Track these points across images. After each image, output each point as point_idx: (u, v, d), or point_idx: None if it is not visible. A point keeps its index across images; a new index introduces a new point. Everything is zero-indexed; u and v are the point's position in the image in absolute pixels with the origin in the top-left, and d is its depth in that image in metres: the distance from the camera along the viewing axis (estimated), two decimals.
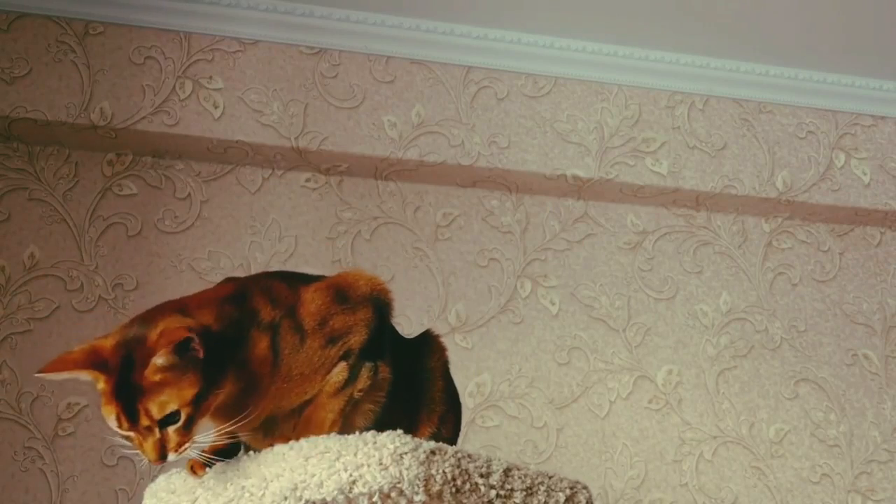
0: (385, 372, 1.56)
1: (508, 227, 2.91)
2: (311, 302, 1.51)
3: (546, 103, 2.92)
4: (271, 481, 1.35)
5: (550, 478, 1.45)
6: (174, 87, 2.69)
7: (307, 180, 2.84)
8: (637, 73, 2.98)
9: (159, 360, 1.31)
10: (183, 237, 2.72)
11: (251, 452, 1.47)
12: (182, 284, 2.67)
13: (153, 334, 1.34)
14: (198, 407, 1.35)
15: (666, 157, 2.94)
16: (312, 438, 1.38)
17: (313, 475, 1.33)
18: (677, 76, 2.99)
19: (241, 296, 1.49)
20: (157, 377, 1.32)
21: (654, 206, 3.02)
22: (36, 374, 1.36)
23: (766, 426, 2.89)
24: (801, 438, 2.89)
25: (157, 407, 1.33)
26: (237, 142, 2.70)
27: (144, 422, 1.33)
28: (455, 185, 2.91)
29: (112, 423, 1.34)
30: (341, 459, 1.33)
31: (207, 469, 1.45)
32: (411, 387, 1.65)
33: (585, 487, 1.49)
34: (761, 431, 2.88)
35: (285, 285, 1.54)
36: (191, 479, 1.46)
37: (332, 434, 1.40)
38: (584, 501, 1.46)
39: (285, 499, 1.32)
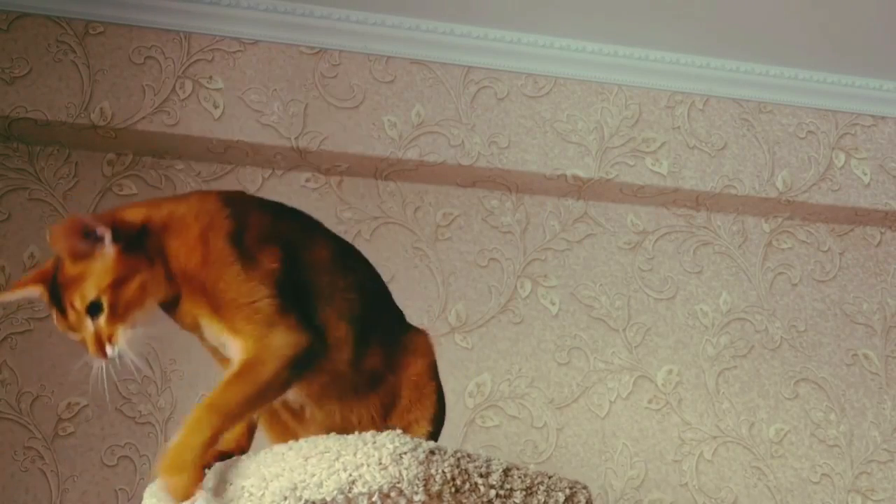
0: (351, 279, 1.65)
1: (508, 227, 2.92)
2: (258, 223, 1.58)
3: (546, 103, 2.92)
4: (271, 481, 1.35)
5: (550, 478, 1.45)
6: (174, 87, 2.69)
7: (307, 180, 2.84)
8: (637, 73, 2.98)
9: (56, 246, 1.38)
10: None
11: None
12: None
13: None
14: (117, 293, 1.40)
15: (666, 157, 2.94)
16: (312, 438, 1.38)
17: (313, 475, 1.33)
18: (677, 76, 2.99)
19: (201, 199, 1.54)
20: (75, 270, 1.39)
21: (654, 206, 3.02)
22: None
23: (766, 426, 2.89)
24: (801, 438, 2.89)
25: (78, 298, 1.39)
26: (237, 142, 2.70)
27: (72, 316, 1.40)
28: (455, 185, 2.91)
29: (57, 325, 1.43)
30: (341, 459, 1.33)
31: (206, 471, 1.44)
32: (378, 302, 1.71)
33: (585, 487, 1.49)
34: (761, 431, 2.88)
35: (266, 213, 1.63)
36: None
37: (331, 434, 1.39)
38: (583, 501, 1.46)
39: (285, 499, 1.32)
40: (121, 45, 2.69)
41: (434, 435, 1.64)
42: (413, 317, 2.74)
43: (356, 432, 1.40)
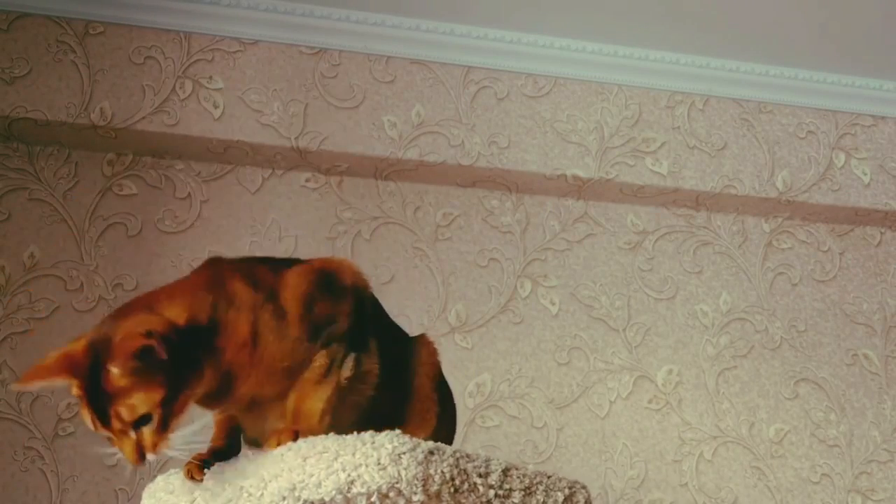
0: (371, 365, 1.53)
1: (508, 227, 2.92)
2: (295, 286, 1.47)
3: (546, 103, 2.92)
4: (269, 481, 1.35)
5: (549, 477, 1.45)
6: (174, 87, 2.69)
7: (307, 180, 2.84)
8: (637, 73, 2.97)
9: (115, 369, 1.29)
10: (183, 237, 2.72)
11: (250, 453, 1.46)
12: None
13: (117, 336, 1.31)
14: (169, 408, 1.33)
15: (666, 157, 2.94)
16: (310, 438, 1.38)
17: (311, 475, 1.33)
18: (677, 76, 2.99)
19: (217, 281, 1.44)
20: (123, 382, 1.30)
21: (654, 206, 3.01)
22: (12, 387, 1.36)
23: (766, 426, 2.89)
24: (801, 438, 2.89)
25: (126, 410, 1.31)
26: (237, 142, 2.70)
27: (117, 425, 1.31)
28: (455, 185, 2.91)
29: (89, 425, 1.33)
30: (339, 459, 1.33)
31: (206, 472, 1.44)
32: (399, 383, 1.62)
33: (584, 487, 1.49)
34: (761, 431, 2.88)
35: (267, 268, 1.50)
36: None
37: (330, 434, 1.39)
38: (582, 501, 1.46)
39: (283, 499, 1.32)
40: (121, 45, 2.69)
41: (432, 437, 1.63)
42: (413, 317, 2.75)
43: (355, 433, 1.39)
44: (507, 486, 1.40)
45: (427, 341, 1.71)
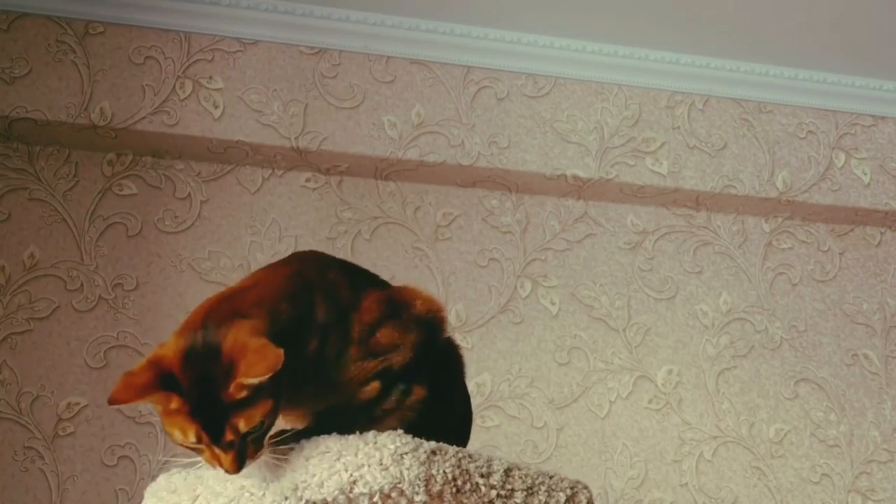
0: (419, 393, 1.51)
1: (508, 227, 2.92)
2: (367, 311, 1.46)
3: (546, 103, 2.92)
4: (272, 481, 1.35)
5: (551, 478, 1.45)
6: (174, 87, 2.69)
7: (307, 180, 2.84)
8: (637, 73, 2.98)
9: (251, 380, 1.25)
10: (183, 237, 2.72)
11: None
12: (182, 284, 2.67)
13: (227, 346, 1.28)
14: (274, 416, 1.31)
15: (666, 157, 2.94)
16: (314, 438, 1.38)
17: (314, 475, 1.33)
18: (677, 76, 2.99)
19: (302, 292, 1.42)
20: (242, 393, 1.27)
21: (654, 206, 3.02)
22: (110, 405, 1.31)
23: (766, 426, 2.89)
24: (801, 438, 2.89)
25: (244, 421, 1.28)
26: (237, 142, 2.70)
27: (229, 437, 1.28)
28: (455, 185, 2.91)
29: (181, 438, 1.29)
30: (342, 459, 1.33)
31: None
32: (446, 406, 1.60)
33: (586, 487, 1.49)
34: (761, 431, 2.88)
35: (348, 283, 1.49)
36: (191, 479, 1.46)
37: (333, 434, 1.39)
38: (584, 501, 1.46)
39: (286, 499, 1.32)
40: (121, 45, 2.69)
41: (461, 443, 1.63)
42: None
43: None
44: (509, 487, 1.40)
45: (456, 347, 1.70)
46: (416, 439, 1.37)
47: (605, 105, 2.95)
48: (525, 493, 1.41)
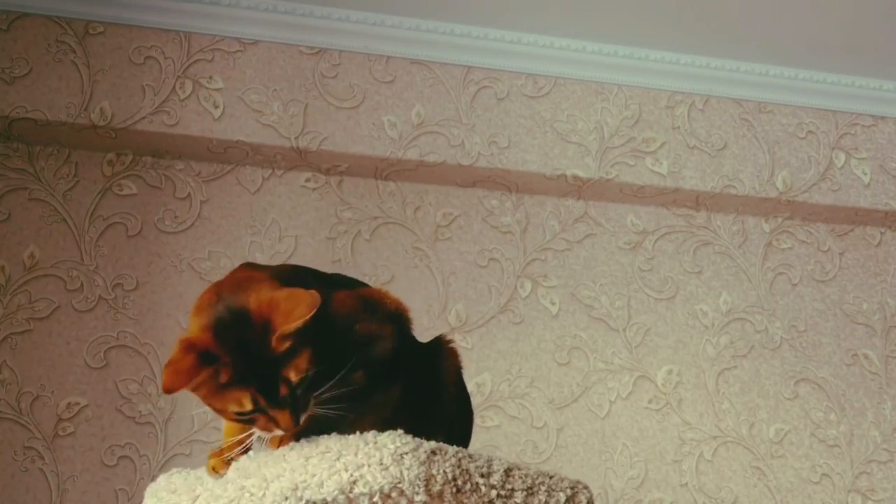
0: (395, 392, 1.55)
1: (508, 227, 2.92)
2: (342, 304, 1.49)
3: (546, 103, 2.92)
4: (272, 481, 1.35)
5: (551, 478, 1.45)
6: (174, 87, 2.69)
7: (307, 180, 2.84)
8: (637, 73, 2.98)
9: (291, 326, 1.30)
10: (183, 237, 2.72)
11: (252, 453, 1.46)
12: (182, 284, 2.67)
13: (254, 306, 1.32)
14: (315, 363, 1.35)
15: (666, 157, 2.94)
16: (313, 438, 1.38)
17: (314, 475, 1.33)
18: (677, 76, 2.99)
19: (289, 280, 1.46)
20: (285, 345, 1.32)
21: (654, 206, 3.02)
22: (168, 394, 1.33)
23: (766, 426, 2.89)
24: (801, 438, 2.89)
25: (294, 372, 1.32)
26: (237, 142, 2.70)
27: (283, 391, 1.32)
28: (455, 185, 2.91)
29: (237, 407, 1.32)
30: (342, 459, 1.33)
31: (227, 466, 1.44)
32: (423, 401, 1.63)
33: (586, 487, 1.49)
34: (761, 431, 2.88)
35: (318, 286, 1.51)
36: (191, 479, 1.46)
37: (333, 434, 1.39)
38: (585, 501, 1.46)
39: (286, 499, 1.32)
40: (121, 45, 2.69)
41: (461, 442, 1.64)
42: (413, 317, 2.75)
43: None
44: (509, 486, 1.40)
45: (447, 344, 1.72)
46: (417, 439, 1.37)
47: (605, 105, 2.95)
48: (525, 493, 1.41)
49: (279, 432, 1.38)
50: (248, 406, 1.32)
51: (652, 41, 2.94)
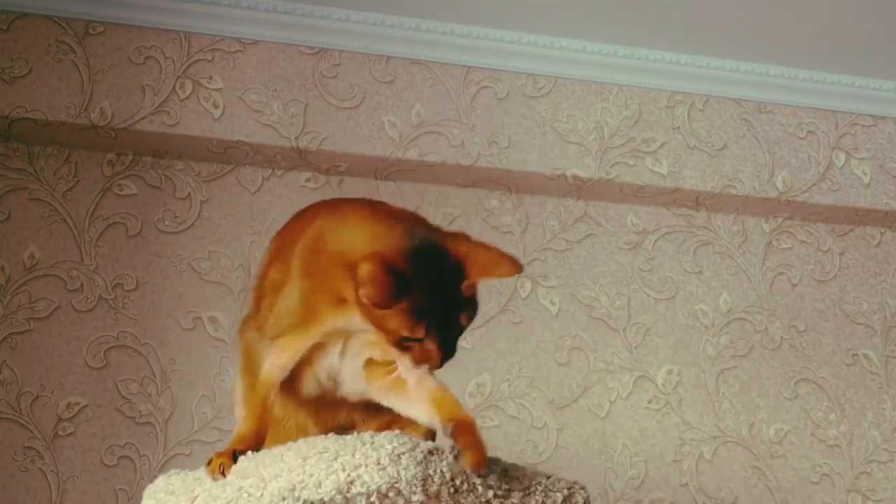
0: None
1: (508, 227, 2.92)
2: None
3: (546, 103, 2.92)
4: (269, 482, 1.35)
5: (548, 478, 1.45)
6: (174, 87, 2.69)
7: (307, 180, 2.84)
8: (637, 73, 2.97)
9: (491, 280, 1.50)
10: (183, 237, 2.72)
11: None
12: (182, 284, 2.67)
13: (454, 250, 1.40)
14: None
15: (666, 157, 2.94)
16: (310, 439, 1.39)
17: (311, 475, 1.33)
18: (677, 76, 2.99)
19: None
20: (471, 292, 1.42)
21: (654, 206, 3.01)
22: (380, 309, 1.36)
23: (766, 426, 2.89)
24: (801, 438, 2.89)
25: (465, 318, 1.43)
26: (237, 142, 2.70)
27: (463, 320, 1.43)
28: (455, 185, 2.91)
29: (409, 333, 1.38)
30: (339, 459, 1.33)
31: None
32: None
33: (583, 488, 1.49)
34: (761, 431, 2.88)
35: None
36: (189, 480, 1.46)
37: (331, 435, 1.40)
38: (581, 502, 1.46)
39: (283, 499, 1.32)
40: (121, 45, 2.69)
41: None
42: None
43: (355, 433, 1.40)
44: (505, 487, 1.41)
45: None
46: (414, 439, 1.37)
47: (605, 105, 2.95)
48: (521, 493, 1.41)
49: (412, 370, 1.46)
50: (421, 335, 1.39)
51: (652, 41, 2.94)
